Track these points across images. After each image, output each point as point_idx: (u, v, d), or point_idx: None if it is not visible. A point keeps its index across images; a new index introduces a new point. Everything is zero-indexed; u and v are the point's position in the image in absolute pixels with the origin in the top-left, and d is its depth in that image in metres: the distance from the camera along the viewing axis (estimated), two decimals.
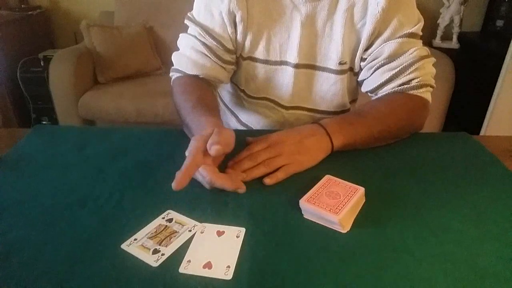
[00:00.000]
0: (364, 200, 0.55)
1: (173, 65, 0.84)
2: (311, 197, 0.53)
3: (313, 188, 0.55)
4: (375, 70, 0.77)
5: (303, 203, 0.52)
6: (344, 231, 0.50)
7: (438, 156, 0.69)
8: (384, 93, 0.77)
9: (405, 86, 0.75)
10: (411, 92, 0.75)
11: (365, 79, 0.81)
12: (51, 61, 2.06)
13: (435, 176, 0.63)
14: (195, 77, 0.80)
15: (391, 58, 0.75)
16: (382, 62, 0.76)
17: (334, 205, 0.51)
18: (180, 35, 0.83)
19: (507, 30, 2.26)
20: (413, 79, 0.75)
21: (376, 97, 0.79)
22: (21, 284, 0.42)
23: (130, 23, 2.35)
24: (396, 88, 0.76)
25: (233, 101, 0.97)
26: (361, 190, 0.55)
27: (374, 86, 0.78)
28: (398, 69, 0.74)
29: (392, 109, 0.74)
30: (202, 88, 0.78)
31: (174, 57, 0.83)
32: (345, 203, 0.52)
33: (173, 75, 0.84)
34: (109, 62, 2.19)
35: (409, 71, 0.74)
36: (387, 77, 0.75)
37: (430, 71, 0.77)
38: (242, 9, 0.75)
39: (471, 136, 0.76)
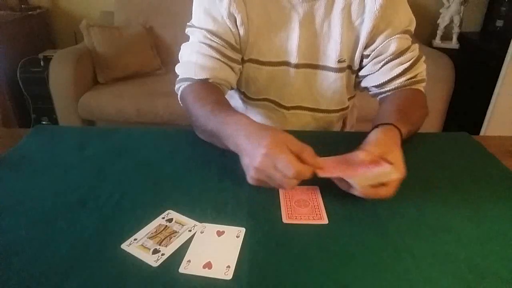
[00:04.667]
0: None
1: (178, 77, 0.79)
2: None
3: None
4: (384, 65, 0.79)
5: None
6: (326, 222, 0.52)
7: (438, 156, 0.69)
8: (393, 87, 0.80)
9: (413, 80, 0.80)
10: (417, 86, 0.80)
11: (369, 74, 0.82)
12: (51, 61, 2.06)
13: (435, 176, 0.63)
14: (205, 82, 0.76)
15: (399, 54, 0.78)
16: (391, 57, 0.78)
17: (311, 211, 0.54)
18: (182, 45, 0.80)
19: (507, 30, 2.26)
20: (418, 73, 0.80)
21: (382, 91, 0.82)
22: (21, 284, 0.42)
23: (130, 23, 2.35)
24: (405, 82, 0.79)
25: (233, 103, 0.96)
26: (317, 188, 0.59)
27: (384, 80, 0.80)
28: (409, 63, 0.79)
29: (415, 107, 0.76)
30: (215, 91, 0.74)
31: (179, 68, 0.79)
32: (319, 203, 0.56)
33: (181, 86, 0.78)
34: (109, 62, 2.19)
35: (416, 66, 0.80)
36: (399, 71, 0.78)
37: (425, 67, 0.83)
38: (242, 12, 0.75)
39: (471, 136, 0.77)
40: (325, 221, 0.52)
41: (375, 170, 0.52)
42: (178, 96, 0.80)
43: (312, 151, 0.54)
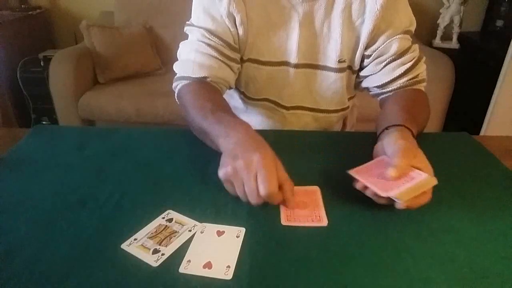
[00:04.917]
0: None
1: (176, 75, 0.79)
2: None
3: None
4: (386, 65, 0.79)
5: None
6: (325, 224, 0.52)
7: (438, 156, 0.69)
8: (395, 88, 0.80)
9: (414, 80, 0.80)
10: (418, 86, 0.81)
11: (371, 75, 0.82)
12: (51, 61, 2.06)
13: (435, 176, 0.62)
14: (203, 81, 0.75)
15: (400, 54, 0.78)
16: (392, 57, 0.78)
17: (310, 214, 0.54)
18: (180, 44, 0.80)
19: (507, 30, 2.26)
20: (419, 73, 0.81)
21: (384, 91, 0.82)
22: (21, 283, 0.42)
23: (130, 23, 2.35)
24: (407, 82, 0.80)
25: (232, 103, 0.96)
26: (317, 188, 0.59)
27: (386, 80, 0.80)
28: (410, 63, 0.79)
29: (420, 107, 0.76)
30: (212, 91, 0.74)
31: (177, 66, 0.79)
32: (319, 204, 0.55)
33: (178, 84, 0.78)
34: (109, 62, 2.19)
35: (417, 66, 0.80)
36: (402, 71, 0.79)
37: (425, 67, 0.83)
38: (241, 12, 0.75)
39: (471, 136, 0.77)
40: (324, 223, 0.52)
41: (413, 184, 0.51)
42: (175, 95, 0.80)
43: (293, 187, 0.54)
